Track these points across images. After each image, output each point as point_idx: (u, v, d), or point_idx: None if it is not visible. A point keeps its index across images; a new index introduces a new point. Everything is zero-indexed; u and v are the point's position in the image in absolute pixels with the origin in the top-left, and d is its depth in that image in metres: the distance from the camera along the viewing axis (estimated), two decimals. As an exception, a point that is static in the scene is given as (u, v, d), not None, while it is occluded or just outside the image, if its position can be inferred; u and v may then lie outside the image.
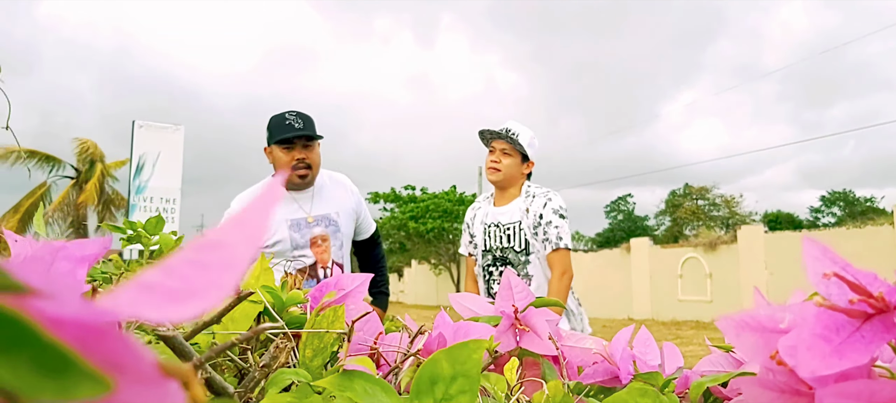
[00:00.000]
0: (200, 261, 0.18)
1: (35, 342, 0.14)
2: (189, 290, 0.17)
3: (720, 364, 0.64)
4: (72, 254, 0.36)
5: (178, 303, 0.17)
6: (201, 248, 0.18)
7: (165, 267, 0.18)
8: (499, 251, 2.83)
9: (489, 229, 2.88)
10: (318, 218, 2.56)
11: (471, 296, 0.76)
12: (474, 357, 0.38)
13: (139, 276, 0.18)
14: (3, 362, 0.14)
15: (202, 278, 0.17)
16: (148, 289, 0.17)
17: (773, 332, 0.37)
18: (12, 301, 0.15)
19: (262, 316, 0.61)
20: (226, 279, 0.17)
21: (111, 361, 0.17)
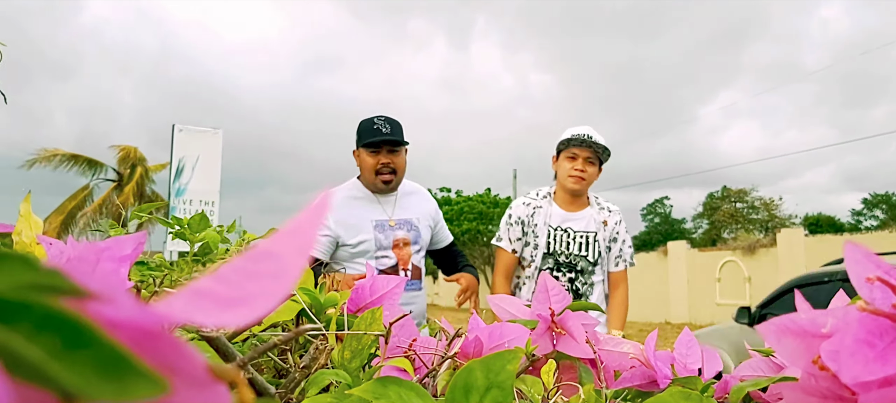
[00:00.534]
0: (252, 270, 0.18)
1: (95, 344, 0.15)
2: (240, 298, 0.18)
3: (760, 369, 0.63)
4: (114, 254, 0.37)
5: (229, 310, 0.18)
6: (253, 258, 0.19)
7: (218, 275, 0.18)
8: (565, 256, 2.77)
9: (556, 233, 2.80)
10: (400, 222, 2.60)
11: (508, 298, 0.76)
12: (509, 368, 0.38)
13: (192, 283, 0.19)
14: (65, 363, 0.15)
15: (253, 286, 0.18)
16: (201, 295, 0.18)
17: (815, 337, 0.37)
18: (72, 304, 0.16)
19: (301, 316, 0.62)
20: (276, 288, 0.18)
21: (164, 363, 0.17)
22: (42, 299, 0.15)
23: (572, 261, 2.77)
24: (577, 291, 2.74)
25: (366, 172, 2.56)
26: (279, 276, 0.18)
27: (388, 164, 2.53)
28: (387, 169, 2.53)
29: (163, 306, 0.18)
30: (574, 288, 2.75)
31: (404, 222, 2.60)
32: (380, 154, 2.52)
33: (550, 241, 2.79)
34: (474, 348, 0.59)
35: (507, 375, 0.40)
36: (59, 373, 0.14)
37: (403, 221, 2.60)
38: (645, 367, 0.69)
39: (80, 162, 20.49)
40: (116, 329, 0.16)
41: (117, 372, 0.15)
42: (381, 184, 2.54)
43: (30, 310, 0.15)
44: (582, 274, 2.77)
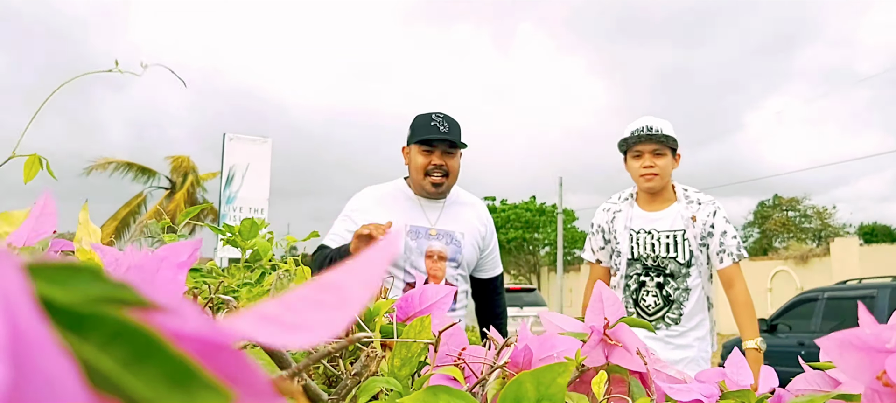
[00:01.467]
0: (316, 300, 0.19)
1: (164, 356, 0.15)
2: (303, 325, 0.18)
3: (816, 384, 0.61)
4: (172, 262, 0.38)
5: (290, 335, 0.18)
6: (319, 287, 0.19)
7: (284, 302, 0.19)
8: (653, 260, 2.55)
9: (638, 236, 2.58)
10: (441, 232, 2.31)
11: (558, 315, 0.75)
12: (559, 381, 0.38)
13: (258, 307, 0.19)
14: (136, 374, 0.15)
15: (316, 316, 0.18)
16: (266, 320, 0.19)
17: (879, 352, 0.36)
18: (140, 315, 0.16)
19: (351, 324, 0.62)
20: (338, 318, 0.18)
21: (228, 375, 0.18)
22: (113, 311, 0.16)
23: (660, 264, 2.54)
24: (668, 297, 2.53)
25: (414, 172, 2.29)
26: (341, 307, 0.19)
27: (441, 166, 2.26)
28: (439, 171, 2.26)
29: (229, 323, 0.18)
30: (665, 294, 2.53)
31: (445, 233, 2.32)
32: (433, 153, 2.25)
33: (633, 246, 2.58)
34: (524, 357, 0.59)
35: (558, 388, 0.39)
36: (131, 384, 0.15)
37: (444, 232, 2.32)
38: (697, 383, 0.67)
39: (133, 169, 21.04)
40: (182, 340, 0.17)
41: (185, 383, 0.15)
42: (430, 187, 2.27)
43: (101, 322, 0.16)
44: (673, 278, 2.53)
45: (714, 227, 2.51)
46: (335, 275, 0.19)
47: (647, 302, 2.56)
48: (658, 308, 2.53)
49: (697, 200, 2.59)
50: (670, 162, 2.57)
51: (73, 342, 0.15)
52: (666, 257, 2.54)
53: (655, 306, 2.53)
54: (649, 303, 2.55)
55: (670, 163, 2.57)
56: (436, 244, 2.28)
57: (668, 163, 2.56)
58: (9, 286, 0.14)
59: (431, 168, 2.25)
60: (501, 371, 0.55)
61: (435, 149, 2.25)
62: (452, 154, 2.29)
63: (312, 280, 0.20)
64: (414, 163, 2.29)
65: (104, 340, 0.15)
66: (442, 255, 2.28)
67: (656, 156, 2.54)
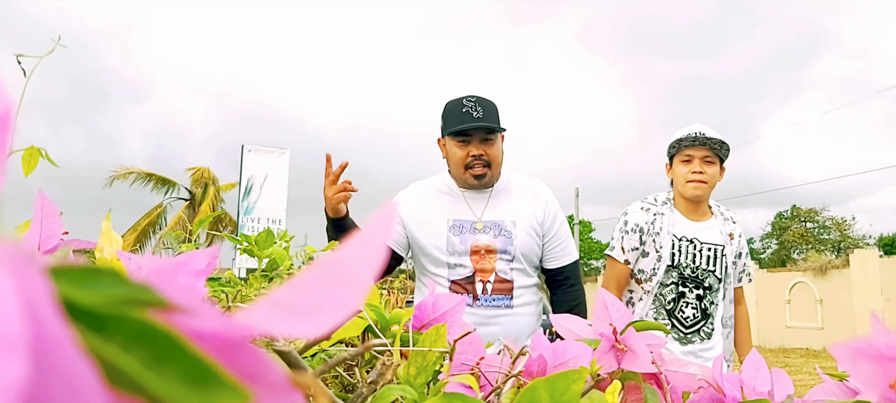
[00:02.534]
0: (325, 280, 0.19)
1: (184, 355, 0.16)
2: (317, 307, 0.18)
3: (833, 393, 0.61)
4: (190, 268, 0.38)
5: (307, 320, 0.18)
6: (326, 267, 0.19)
7: (294, 285, 0.19)
8: (691, 271, 2.46)
9: (681, 244, 2.47)
10: (488, 224, 2.11)
11: (571, 318, 0.75)
12: (574, 387, 0.38)
13: (271, 294, 0.19)
14: (157, 374, 0.15)
15: (328, 296, 0.19)
16: (280, 307, 0.19)
17: (892, 361, 0.36)
18: (160, 316, 0.17)
19: (367, 332, 0.63)
20: (350, 296, 0.19)
21: (247, 373, 0.18)
22: (134, 312, 0.16)
23: (700, 276, 2.46)
24: (705, 311, 2.46)
25: (453, 166, 2.12)
26: (352, 285, 0.19)
27: (481, 156, 2.07)
28: (480, 161, 2.07)
29: (244, 317, 0.18)
30: (703, 307, 2.47)
31: (493, 224, 2.10)
32: (470, 143, 2.07)
33: (675, 252, 2.46)
34: (538, 366, 0.59)
35: (573, 395, 0.39)
36: (152, 383, 0.15)
37: (492, 224, 2.10)
38: (714, 389, 0.67)
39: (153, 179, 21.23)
40: (201, 340, 0.17)
41: (204, 382, 0.15)
42: (472, 180, 2.09)
43: (123, 323, 0.16)
44: (710, 291, 2.47)
45: (743, 248, 2.56)
46: (341, 253, 0.19)
47: (686, 314, 2.49)
48: (696, 320, 2.47)
49: (732, 218, 2.56)
50: (718, 173, 2.50)
51: (96, 343, 0.16)
52: (706, 270, 2.47)
53: (694, 318, 2.48)
54: (688, 315, 2.49)
55: (717, 175, 2.49)
56: (482, 238, 2.08)
57: (717, 174, 2.48)
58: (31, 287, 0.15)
59: (471, 160, 2.07)
60: (516, 380, 0.55)
61: (472, 138, 2.07)
62: (492, 140, 2.09)
63: (319, 260, 0.20)
64: (452, 156, 2.11)
65: (126, 341, 0.16)
66: (490, 249, 2.07)
67: (706, 164, 2.45)
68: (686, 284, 2.46)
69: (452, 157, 2.11)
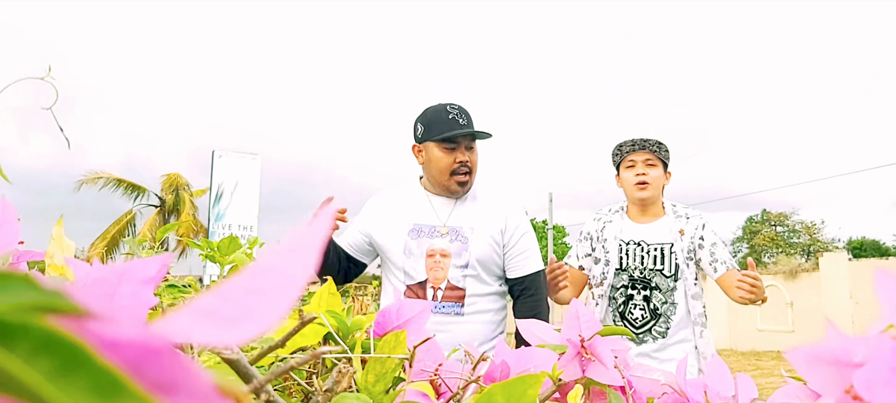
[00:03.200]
0: (254, 287, 0.18)
1: (89, 366, 0.15)
2: (243, 315, 0.18)
3: (796, 397, 0.61)
4: (137, 275, 0.37)
5: (232, 327, 0.17)
6: (255, 273, 0.19)
7: (221, 292, 0.18)
8: (640, 272, 2.56)
9: (628, 247, 2.59)
10: (450, 229, 2.14)
11: (537, 323, 0.75)
12: (530, 393, 0.38)
13: (195, 300, 0.19)
14: (60, 385, 0.14)
15: (256, 303, 0.18)
16: (204, 313, 0.18)
17: (847, 365, 0.36)
18: (70, 324, 0.16)
19: (328, 340, 0.62)
20: (279, 304, 0.18)
21: (167, 381, 0.17)
22: (40, 321, 0.15)
23: (646, 277, 2.55)
24: (655, 310, 2.53)
25: (436, 172, 2.13)
26: (281, 292, 0.18)
27: (465, 162, 2.11)
28: (464, 168, 2.11)
29: (165, 324, 0.18)
30: (652, 307, 2.54)
31: (453, 230, 2.13)
32: (457, 150, 2.10)
33: (622, 256, 2.58)
34: (501, 372, 0.58)
35: (529, 400, 0.39)
36: (54, 396, 0.14)
37: (453, 229, 2.13)
38: (677, 395, 0.67)
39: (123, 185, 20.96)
40: (116, 349, 0.16)
41: (111, 393, 0.15)
42: (455, 186, 2.13)
43: (28, 332, 0.15)
44: (659, 290, 2.53)
45: (704, 239, 2.53)
46: (271, 259, 0.19)
47: (635, 316, 2.57)
48: (645, 321, 2.54)
49: (686, 215, 2.61)
50: (662, 175, 2.61)
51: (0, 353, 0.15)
52: (653, 269, 2.55)
53: (643, 319, 2.54)
54: (636, 317, 2.56)
55: (662, 177, 2.61)
56: (439, 242, 2.12)
57: (660, 176, 2.60)
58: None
59: (457, 166, 2.11)
60: (477, 387, 0.54)
61: (458, 145, 2.11)
62: (473, 147, 2.15)
63: (248, 266, 0.20)
64: (435, 163, 2.12)
65: (31, 351, 0.15)
66: (444, 253, 2.11)
67: (649, 166, 2.59)
68: (635, 286, 2.56)
69: (436, 163, 2.12)
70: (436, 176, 2.15)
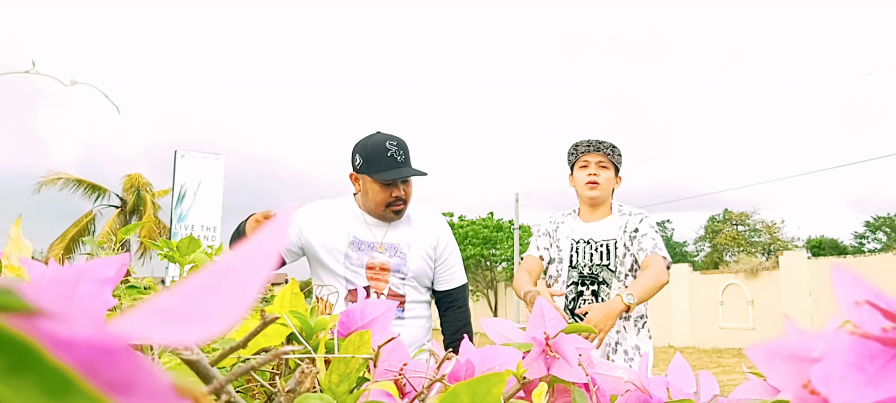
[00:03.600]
0: (212, 287, 0.18)
1: (40, 365, 0.14)
2: (200, 315, 0.17)
3: (757, 392, 0.62)
4: (95, 276, 0.37)
5: (189, 327, 0.17)
6: (215, 273, 0.18)
7: (179, 292, 0.18)
8: (588, 268, 2.66)
9: (578, 245, 2.70)
10: (387, 246, 2.29)
11: (503, 322, 0.75)
12: (494, 391, 0.38)
13: (153, 299, 0.18)
14: (8, 385, 0.14)
15: (214, 303, 0.18)
16: (161, 313, 0.18)
17: (804, 361, 0.36)
18: (22, 322, 0.15)
19: (292, 340, 0.61)
20: (236, 304, 0.18)
21: (123, 381, 0.17)
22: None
23: (595, 273, 2.65)
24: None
25: (373, 204, 2.24)
26: (239, 292, 0.18)
27: (400, 198, 2.22)
28: (400, 202, 2.23)
29: (120, 323, 0.17)
30: (600, 300, 2.60)
31: (391, 246, 2.29)
32: (393, 186, 2.20)
33: (573, 255, 2.70)
34: (466, 371, 0.58)
35: (494, 398, 0.39)
36: (3, 395, 0.14)
37: (390, 245, 2.29)
38: (640, 391, 0.68)
39: (83, 185, 20.59)
40: (69, 348, 0.16)
41: (61, 393, 0.14)
42: (391, 216, 2.26)
43: (-24, 330, 0.15)
44: (607, 286, 2.63)
45: (637, 231, 2.63)
46: (230, 259, 0.19)
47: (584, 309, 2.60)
48: None
49: (630, 212, 2.72)
50: (613, 178, 2.73)
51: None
52: (599, 265, 2.66)
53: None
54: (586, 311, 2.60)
55: (612, 179, 2.73)
56: (379, 257, 2.26)
57: (611, 178, 2.72)
58: None
59: (393, 200, 2.21)
60: (442, 385, 0.54)
61: (396, 182, 2.20)
62: (408, 181, 2.25)
63: (207, 266, 0.19)
64: (373, 196, 2.22)
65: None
66: (384, 267, 2.25)
67: (601, 167, 2.71)
68: (584, 282, 2.66)
69: (374, 196, 2.22)
70: (370, 205, 2.26)
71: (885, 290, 0.35)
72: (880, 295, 0.34)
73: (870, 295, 0.34)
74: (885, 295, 0.34)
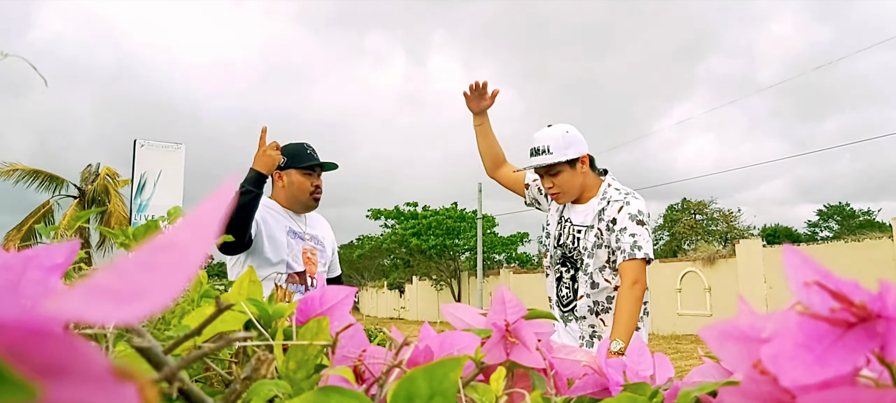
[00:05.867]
0: (150, 263, 0.18)
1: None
2: (137, 292, 0.17)
3: (711, 375, 0.63)
4: (42, 262, 0.36)
5: (125, 304, 0.17)
6: (153, 249, 0.18)
7: (115, 269, 0.18)
8: (568, 250, 2.63)
9: (565, 224, 2.66)
10: (311, 236, 2.89)
11: (462, 307, 0.75)
12: (451, 376, 0.38)
13: (88, 278, 0.18)
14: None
15: (151, 280, 0.17)
16: (96, 291, 0.17)
17: (755, 341, 0.37)
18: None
19: (250, 328, 0.60)
20: (175, 280, 0.17)
21: (56, 364, 0.16)
22: None
23: (573, 256, 2.61)
24: (577, 291, 2.58)
25: (298, 192, 2.81)
26: (178, 268, 0.17)
27: (319, 186, 2.84)
28: (319, 191, 2.83)
29: (54, 304, 0.17)
30: (575, 287, 2.60)
31: (313, 237, 2.89)
32: (313, 175, 2.82)
33: (560, 232, 2.67)
34: (425, 357, 0.58)
35: (451, 383, 0.39)
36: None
37: (314, 237, 2.89)
38: (598, 375, 0.68)
39: (40, 177, 20.13)
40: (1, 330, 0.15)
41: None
42: (312, 202, 2.85)
43: None
44: (584, 271, 2.57)
45: (615, 223, 2.51)
46: (171, 234, 0.18)
47: (563, 294, 2.63)
48: (569, 300, 2.58)
49: (612, 197, 2.58)
50: (570, 174, 2.59)
51: None
52: (573, 248, 2.60)
53: (567, 298, 2.58)
54: (563, 294, 2.60)
55: (570, 175, 2.59)
56: (308, 244, 2.84)
57: (568, 176, 2.59)
58: None
59: (314, 189, 2.82)
60: (401, 371, 0.54)
61: (314, 172, 2.83)
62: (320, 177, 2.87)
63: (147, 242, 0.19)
64: (298, 185, 2.81)
65: None
66: (314, 252, 2.85)
67: (553, 177, 2.60)
68: (565, 263, 2.64)
69: (299, 186, 2.82)
70: (297, 195, 2.84)
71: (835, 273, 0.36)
72: (829, 277, 0.35)
73: (819, 276, 0.35)
74: (833, 276, 0.35)
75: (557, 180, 2.59)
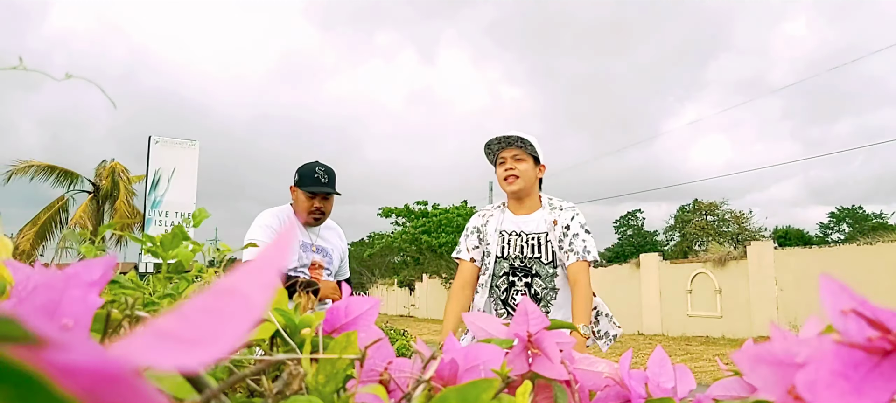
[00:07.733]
0: (214, 309, 0.18)
1: (46, 396, 0.14)
2: (202, 338, 0.17)
3: (733, 389, 0.63)
4: (82, 280, 0.36)
5: (191, 351, 0.17)
6: (217, 295, 0.18)
7: (180, 314, 0.18)
8: (520, 260, 2.72)
9: (510, 237, 2.76)
10: (319, 248, 3.16)
11: (484, 317, 0.75)
12: (484, 397, 0.38)
13: (154, 323, 0.18)
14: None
15: (216, 326, 0.17)
16: (162, 337, 0.17)
17: (789, 366, 0.37)
18: (26, 353, 0.15)
19: (276, 337, 0.61)
20: (239, 327, 0.17)
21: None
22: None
23: (527, 265, 2.71)
24: (535, 295, 2.69)
25: (300, 210, 3.08)
26: (243, 314, 0.18)
27: (320, 209, 3.07)
28: (319, 212, 3.07)
29: (123, 349, 0.17)
30: (533, 292, 2.70)
31: (322, 249, 3.17)
32: (315, 199, 3.05)
33: (504, 246, 2.76)
34: (450, 371, 0.58)
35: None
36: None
37: (321, 248, 3.17)
38: (620, 387, 0.68)
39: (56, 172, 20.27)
40: (72, 376, 0.16)
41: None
42: (312, 221, 3.10)
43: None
44: (539, 277, 2.70)
45: (568, 228, 2.69)
46: (233, 281, 0.18)
47: (517, 301, 2.68)
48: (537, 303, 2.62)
49: (560, 206, 2.78)
50: (531, 168, 2.76)
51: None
52: (531, 257, 2.71)
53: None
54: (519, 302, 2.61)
55: (532, 170, 2.76)
56: (316, 256, 3.11)
57: (530, 169, 2.75)
58: None
59: (313, 209, 3.05)
60: (427, 386, 0.54)
61: (317, 196, 3.05)
62: (329, 198, 3.10)
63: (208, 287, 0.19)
64: (300, 203, 3.08)
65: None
66: (321, 265, 3.12)
67: (517, 161, 2.74)
68: (516, 273, 2.73)
69: (301, 204, 3.08)
70: (299, 212, 3.10)
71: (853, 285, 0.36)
72: (865, 304, 0.35)
73: (855, 304, 0.35)
74: (869, 303, 0.35)
75: (521, 166, 2.73)
